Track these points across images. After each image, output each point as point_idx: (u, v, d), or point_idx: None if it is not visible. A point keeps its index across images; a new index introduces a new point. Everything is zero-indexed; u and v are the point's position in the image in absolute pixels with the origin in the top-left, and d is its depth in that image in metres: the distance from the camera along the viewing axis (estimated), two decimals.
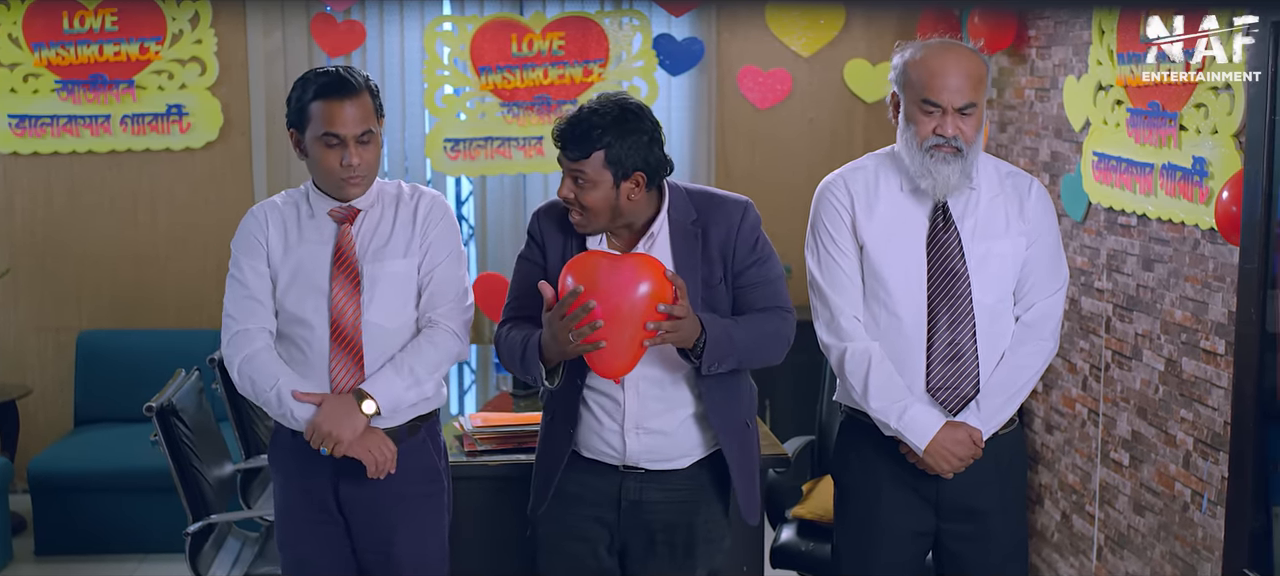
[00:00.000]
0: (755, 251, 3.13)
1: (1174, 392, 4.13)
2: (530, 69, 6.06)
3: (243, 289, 3.23)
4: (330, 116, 3.11)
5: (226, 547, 4.15)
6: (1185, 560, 4.07)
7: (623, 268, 2.94)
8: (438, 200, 3.30)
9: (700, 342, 2.98)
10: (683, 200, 3.14)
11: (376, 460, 3.16)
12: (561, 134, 3.04)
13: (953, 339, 3.16)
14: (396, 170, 6.17)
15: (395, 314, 3.22)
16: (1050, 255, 3.25)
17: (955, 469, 3.16)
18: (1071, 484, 4.84)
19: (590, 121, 3.00)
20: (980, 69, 3.12)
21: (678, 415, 3.14)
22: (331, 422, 3.12)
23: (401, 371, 3.16)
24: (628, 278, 2.91)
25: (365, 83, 3.17)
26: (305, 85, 3.15)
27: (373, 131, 3.17)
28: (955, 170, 3.13)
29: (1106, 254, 4.55)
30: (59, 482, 5.44)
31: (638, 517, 3.18)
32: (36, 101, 5.94)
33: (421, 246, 3.24)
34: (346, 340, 3.18)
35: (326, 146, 3.13)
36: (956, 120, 3.09)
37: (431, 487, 3.30)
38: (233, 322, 3.23)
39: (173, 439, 3.90)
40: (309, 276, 3.21)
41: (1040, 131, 5.08)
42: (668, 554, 3.20)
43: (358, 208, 3.23)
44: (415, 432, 3.27)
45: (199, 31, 5.98)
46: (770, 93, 6.24)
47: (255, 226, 3.25)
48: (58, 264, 6.12)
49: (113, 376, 5.85)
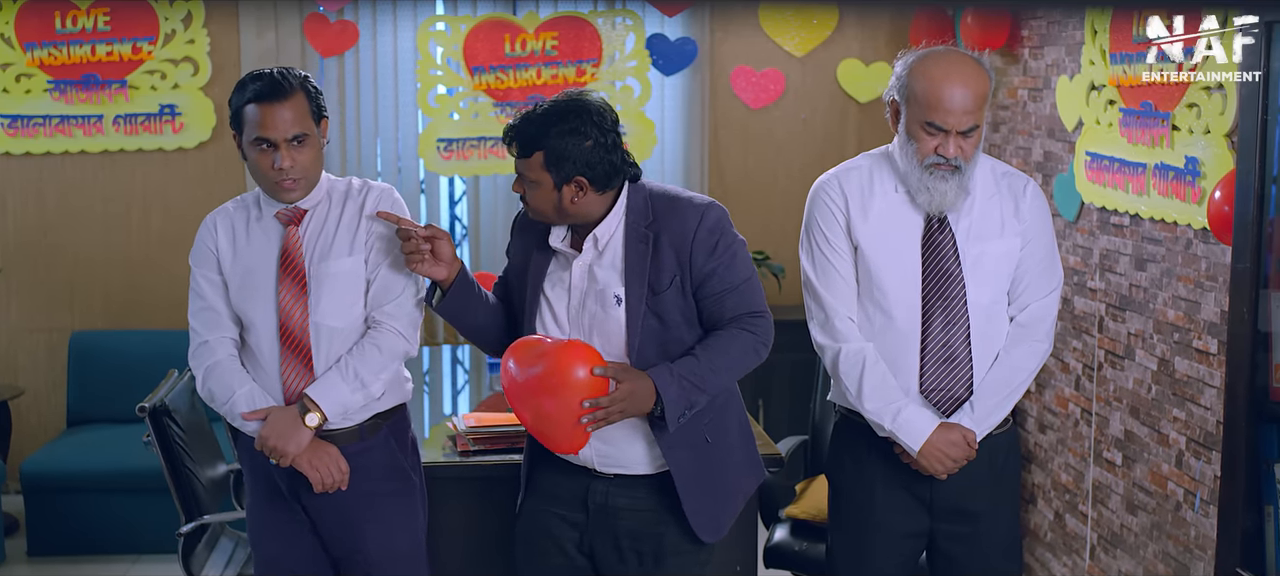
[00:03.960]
0: (715, 256, 3.01)
1: (1167, 392, 4.13)
2: (523, 69, 6.06)
3: (200, 300, 3.25)
4: (261, 120, 3.09)
5: (219, 548, 4.15)
6: (1178, 559, 4.08)
7: (556, 353, 2.98)
8: (385, 193, 3.25)
9: (658, 405, 2.96)
10: (643, 203, 3.06)
11: (321, 476, 3.16)
12: (507, 131, 3.06)
13: (947, 340, 3.16)
14: (389, 170, 6.17)
15: (343, 313, 3.20)
16: (1045, 256, 3.24)
17: (949, 470, 3.16)
18: (1064, 483, 4.85)
19: (532, 122, 2.99)
20: (985, 87, 3.08)
21: (631, 424, 3.07)
22: (276, 437, 3.12)
23: (346, 376, 3.15)
24: (563, 363, 2.96)
25: (301, 84, 3.15)
26: (241, 89, 3.14)
27: (309, 134, 3.14)
28: (953, 186, 3.12)
29: (1099, 254, 4.56)
30: (52, 483, 5.43)
31: (605, 522, 3.14)
32: (29, 101, 5.93)
33: (366, 242, 3.21)
34: (295, 342, 3.17)
35: (259, 150, 3.12)
36: (959, 141, 3.08)
37: (399, 485, 3.29)
38: (194, 335, 3.25)
39: (165, 439, 3.89)
40: (257, 280, 3.21)
41: (1033, 131, 5.08)
42: (636, 562, 3.14)
43: (304, 208, 3.22)
44: (376, 431, 3.26)
45: (191, 31, 5.97)
46: (763, 93, 6.24)
47: (206, 235, 3.27)
48: (50, 264, 6.11)
49: (105, 377, 5.84)
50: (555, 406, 2.97)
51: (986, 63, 3.14)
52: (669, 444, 3.04)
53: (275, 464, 3.18)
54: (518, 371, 3.02)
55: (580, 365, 2.94)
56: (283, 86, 3.10)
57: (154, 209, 6.11)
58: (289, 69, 3.18)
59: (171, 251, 6.10)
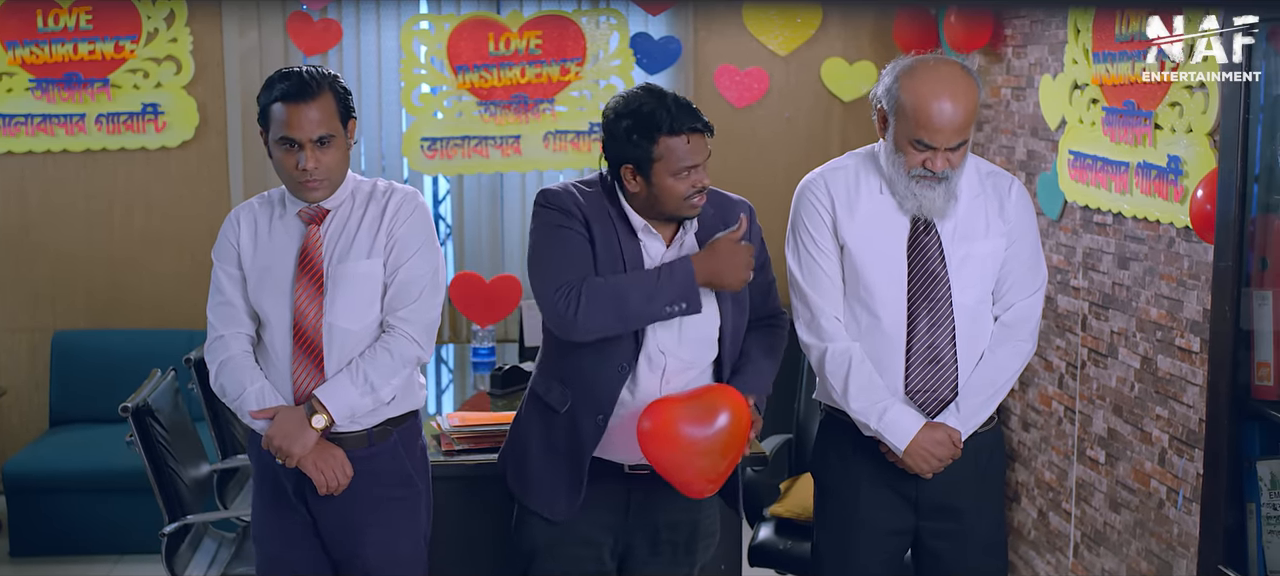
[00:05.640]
0: (763, 253, 3.26)
1: (1150, 390, 4.15)
2: (507, 68, 6.05)
3: (219, 294, 3.24)
4: (287, 120, 3.09)
5: (203, 548, 4.14)
6: (1161, 557, 4.09)
7: (701, 405, 3.05)
8: (409, 196, 3.24)
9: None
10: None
11: (326, 479, 3.15)
12: (696, 118, 3.07)
13: (932, 342, 3.17)
14: (373, 169, 6.15)
15: (358, 315, 3.19)
16: (1030, 256, 3.25)
17: (935, 469, 3.17)
18: (1048, 481, 4.86)
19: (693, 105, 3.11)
20: (974, 102, 3.07)
21: None
22: (282, 437, 3.13)
23: (356, 379, 3.14)
24: (708, 415, 3.04)
25: (330, 84, 3.14)
26: (269, 88, 3.13)
27: (335, 135, 3.14)
28: (940, 194, 3.12)
29: (1082, 252, 4.57)
30: (34, 483, 5.41)
31: (644, 518, 3.21)
32: (10, 100, 5.91)
33: (387, 245, 3.20)
34: (307, 342, 3.17)
35: (284, 149, 3.12)
36: (947, 155, 3.08)
37: (404, 492, 3.28)
38: (211, 329, 3.25)
39: (148, 439, 3.88)
40: (275, 277, 3.20)
41: (1016, 130, 5.10)
42: (670, 552, 3.25)
43: (327, 208, 3.21)
44: (386, 437, 3.26)
45: (174, 30, 5.95)
46: (747, 91, 6.24)
47: (229, 230, 3.26)
48: (32, 263, 6.08)
49: (88, 377, 5.82)
50: (733, 453, 3.08)
51: (976, 73, 3.14)
52: None
53: (282, 463, 3.17)
54: (696, 429, 3.03)
55: (741, 408, 3.09)
56: (310, 86, 3.09)
57: (137, 208, 6.09)
58: (318, 68, 3.17)
59: (154, 250, 6.08)
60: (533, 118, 6.07)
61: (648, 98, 3.05)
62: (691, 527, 3.25)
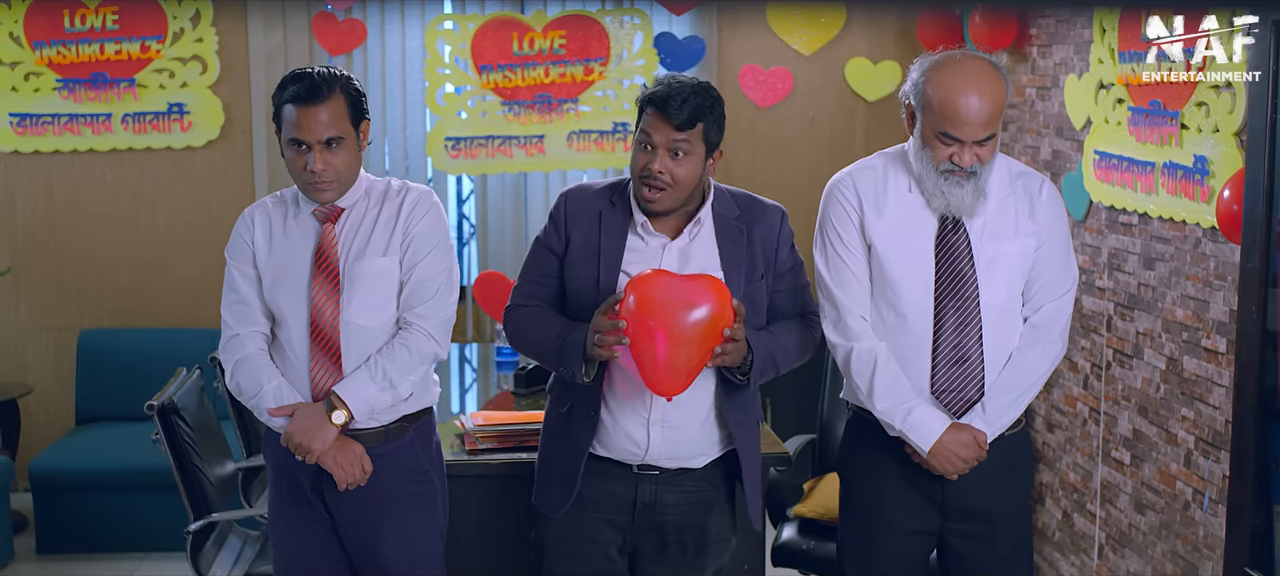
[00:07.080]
0: (793, 256, 3.23)
1: (1175, 391, 4.13)
2: (531, 67, 6.06)
3: (234, 294, 3.26)
4: (297, 121, 3.10)
5: (228, 546, 4.15)
6: (1186, 559, 4.07)
7: (687, 287, 2.96)
8: (423, 195, 3.25)
9: (747, 362, 3.05)
10: (724, 196, 3.22)
11: (345, 475, 3.17)
12: (666, 102, 3.03)
13: (959, 342, 3.15)
14: (397, 169, 6.17)
15: (375, 313, 3.20)
16: (1060, 256, 3.23)
17: (960, 471, 3.15)
18: (1073, 482, 4.84)
19: (693, 93, 3.05)
20: (1001, 96, 3.06)
21: (700, 411, 3.15)
22: (302, 434, 3.14)
23: (375, 376, 3.15)
24: (692, 297, 2.94)
25: (341, 86, 3.15)
26: (282, 89, 3.15)
27: (345, 137, 3.14)
28: (969, 191, 3.11)
29: (1108, 252, 4.55)
30: (60, 481, 5.44)
31: (652, 519, 3.20)
32: (37, 100, 5.94)
33: (402, 243, 3.21)
34: (325, 340, 3.18)
35: (294, 150, 3.13)
36: (975, 150, 3.07)
37: (420, 489, 3.29)
38: (226, 328, 3.27)
39: (174, 437, 3.90)
40: (291, 275, 3.21)
41: (1041, 130, 5.08)
42: (679, 554, 3.22)
43: (342, 206, 3.22)
44: (402, 434, 3.27)
45: (200, 30, 5.98)
46: (771, 91, 6.24)
47: (243, 229, 3.27)
48: (59, 262, 6.12)
49: (114, 375, 5.85)
50: (702, 345, 2.94)
51: (1004, 68, 3.13)
52: (740, 422, 3.17)
53: (300, 460, 3.18)
54: (684, 310, 2.93)
55: (710, 301, 2.95)
56: (320, 89, 3.10)
57: (162, 207, 6.12)
58: (330, 69, 3.17)
59: (180, 250, 6.11)
60: (557, 117, 6.07)
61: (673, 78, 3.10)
62: (700, 531, 3.22)
